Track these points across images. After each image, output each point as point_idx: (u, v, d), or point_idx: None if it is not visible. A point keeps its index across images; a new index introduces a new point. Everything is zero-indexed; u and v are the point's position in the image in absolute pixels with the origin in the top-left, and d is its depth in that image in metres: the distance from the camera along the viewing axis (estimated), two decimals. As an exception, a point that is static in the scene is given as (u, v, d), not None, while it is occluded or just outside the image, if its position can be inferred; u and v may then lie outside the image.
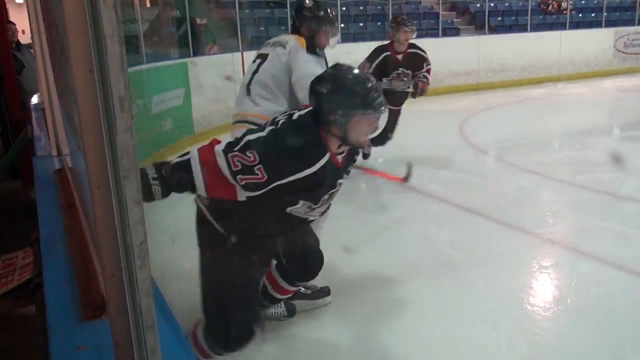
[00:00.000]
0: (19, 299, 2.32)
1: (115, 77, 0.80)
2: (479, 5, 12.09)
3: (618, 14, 12.98)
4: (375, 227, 3.87)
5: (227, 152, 1.81)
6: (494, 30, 11.77)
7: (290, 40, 3.04)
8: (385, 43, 5.00)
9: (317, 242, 2.45)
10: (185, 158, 1.82)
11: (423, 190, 4.53)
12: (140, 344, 0.91)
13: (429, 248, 3.52)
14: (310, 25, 3.12)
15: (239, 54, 7.62)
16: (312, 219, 2.18)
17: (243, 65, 7.57)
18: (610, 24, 12.23)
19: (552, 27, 12.07)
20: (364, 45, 6.77)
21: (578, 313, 2.72)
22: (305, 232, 2.37)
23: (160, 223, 3.54)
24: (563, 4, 12.65)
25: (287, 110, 2.63)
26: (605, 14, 12.40)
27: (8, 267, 2.60)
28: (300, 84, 2.91)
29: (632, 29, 12.18)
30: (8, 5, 6.53)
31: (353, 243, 3.49)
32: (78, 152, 2.19)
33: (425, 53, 4.94)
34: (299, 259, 2.36)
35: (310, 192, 1.97)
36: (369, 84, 1.98)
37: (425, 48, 4.96)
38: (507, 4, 12.54)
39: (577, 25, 12.12)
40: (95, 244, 1.46)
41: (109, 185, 0.84)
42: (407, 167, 4.25)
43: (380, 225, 3.88)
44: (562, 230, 3.72)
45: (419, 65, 4.87)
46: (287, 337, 2.61)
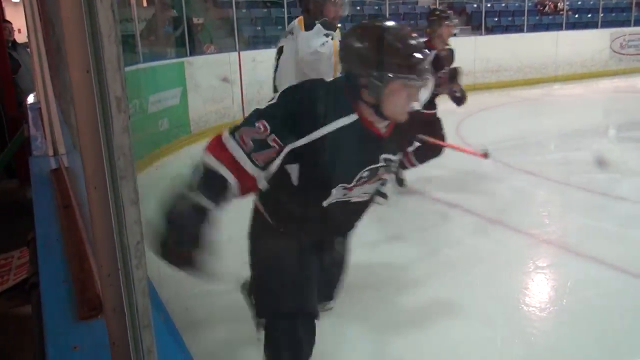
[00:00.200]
0: (15, 299, 2.32)
1: (112, 77, 0.80)
2: (476, 6, 12.11)
3: (614, 15, 13.03)
4: (372, 227, 3.86)
5: (234, 132, 1.55)
6: (491, 31, 11.80)
7: (294, 25, 3.01)
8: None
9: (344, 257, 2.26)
10: (202, 163, 1.54)
11: (419, 190, 4.54)
12: (137, 344, 0.91)
13: (425, 248, 3.52)
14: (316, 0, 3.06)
15: (236, 54, 7.61)
16: (358, 201, 1.81)
17: (240, 65, 7.56)
18: (607, 25, 12.26)
19: (548, 27, 12.10)
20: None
21: (574, 313, 2.72)
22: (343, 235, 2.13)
23: (156, 222, 3.53)
24: (559, 5, 12.68)
25: None
26: (602, 15, 12.44)
27: (4, 267, 2.60)
28: (304, 63, 2.88)
29: (628, 30, 12.22)
30: (4, 4, 6.51)
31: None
32: (75, 151, 2.19)
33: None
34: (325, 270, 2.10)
35: (341, 167, 1.67)
36: (414, 42, 1.59)
37: None
38: (503, 5, 12.56)
39: (573, 26, 12.16)
40: (92, 244, 1.46)
41: (106, 185, 0.84)
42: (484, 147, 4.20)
43: (377, 226, 3.87)
44: (557, 231, 3.73)
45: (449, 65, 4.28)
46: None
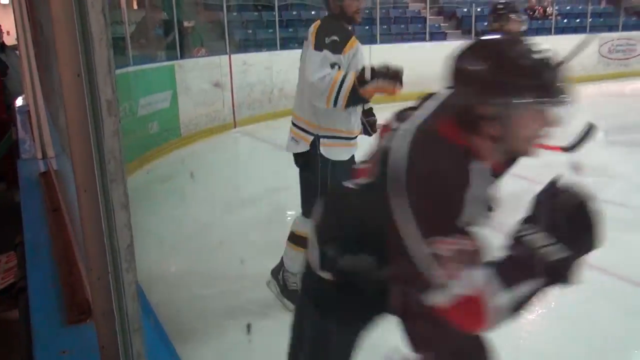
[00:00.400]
0: (2, 304, 2.30)
1: (103, 80, 0.80)
2: (466, 10, 12.17)
3: (602, 20, 13.16)
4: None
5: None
6: (481, 35, 11.84)
7: (310, 31, 2.70)
8: None
9: None
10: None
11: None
12: (126, 348, 0.91)
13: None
14: None
15: (227, 57, 7.60)
16: None
17: (230, 68, 7.56)
18: (595, 30, 12.35)
19: (537, 32, 12.19)
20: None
21: (562, 317, 2.73)
22: None
23: (146, 226, 3.52)
24: (548, 10, 12.78)
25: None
26: (590, 20, 12.56)
27: (-9, 271, 2.58)
28: (309, 93, 2.60)
29: (616, 35, 12.33)
30: (-7, 6, 6.47)
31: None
32: (64, 155, 2.17)
33: None
34: None
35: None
36: (547, 57, 1.25)
37: (413, 52, 4.90)
38: (493, 9, 12.63)
39: (562, 31, 12.25)
40: (82, 247, 1.45)
41: (96, 189, 0.83)
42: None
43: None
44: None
45: None
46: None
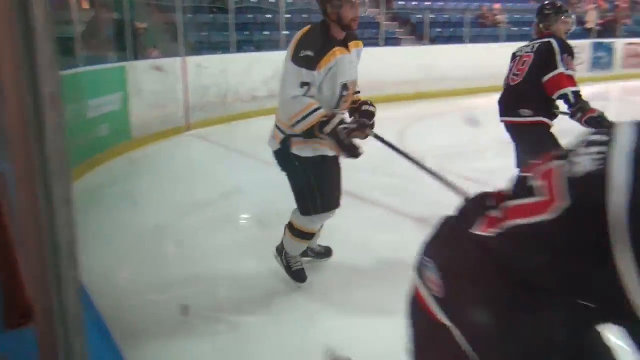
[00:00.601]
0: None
1: (46, 72, 0.77)
2: (420, 17, 12.40)
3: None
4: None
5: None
6: (434, 41, 12.09)
7: (297, 35, 2.66)
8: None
9: None
10: None
11: (362, 197, 4.58)
12: (68, 351, 0.88)
13: (369, 253, 3.56)
14: (332, 1, 2.58)
15: (181, 59, 7.53)
16: None
17: (185, 71, 7.48)
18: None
19: (488, 39, 12.51)
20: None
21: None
22: None
23: (96, 229, 3.43)
24: (499, 18, 13.14)
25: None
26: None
27: None
28: (281, 99, 2.60)
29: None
30: None
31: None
32: (4, 151, 2.10)
33: None
34: None
35: None
36: None
37: (367, 57, 4.88)
38: (447, 16, 12.91)
39: (511, 38, 12.61)
40: (21, 246, 1.40)
41: (36, 183, 0.81)
42: None
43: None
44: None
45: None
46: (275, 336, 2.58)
